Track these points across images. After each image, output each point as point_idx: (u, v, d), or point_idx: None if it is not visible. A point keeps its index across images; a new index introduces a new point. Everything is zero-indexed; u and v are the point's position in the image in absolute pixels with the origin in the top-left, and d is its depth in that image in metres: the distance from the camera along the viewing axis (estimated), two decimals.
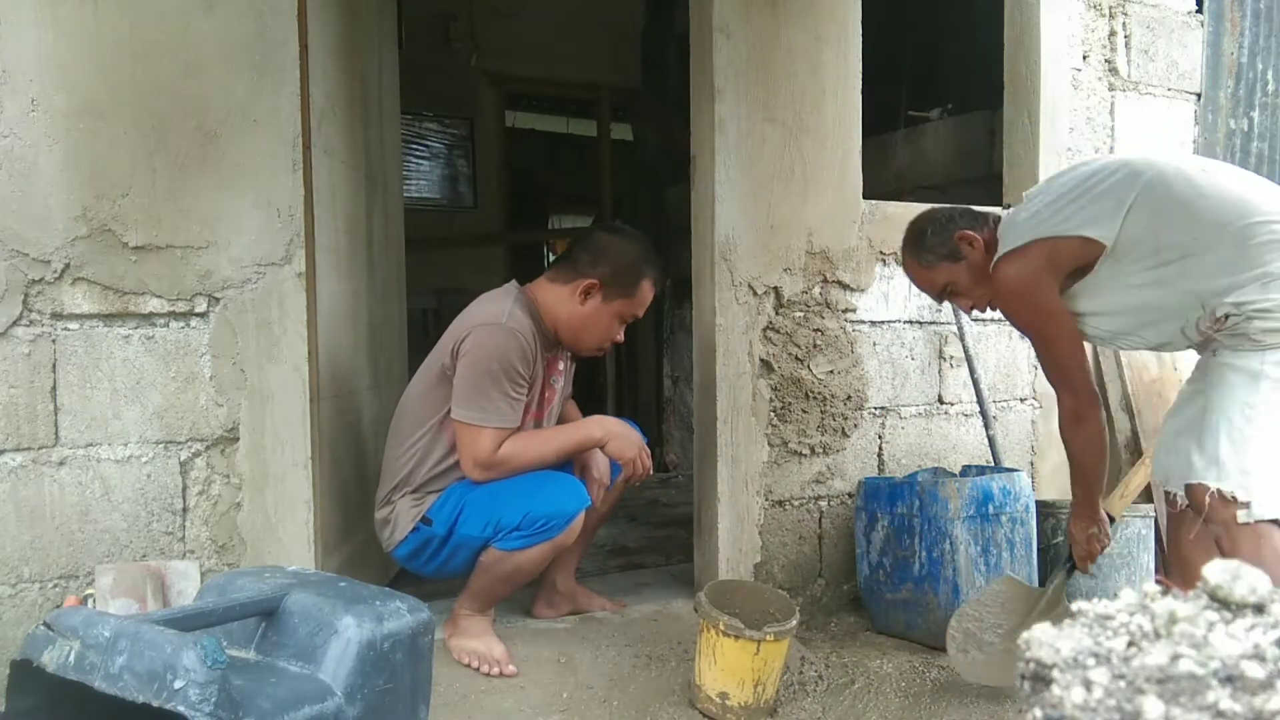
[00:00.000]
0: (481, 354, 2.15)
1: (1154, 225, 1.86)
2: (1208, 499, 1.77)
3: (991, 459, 3.00)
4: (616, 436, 2.29)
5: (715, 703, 2.11)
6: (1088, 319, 2.00)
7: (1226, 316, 1.80)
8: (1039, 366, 3.08)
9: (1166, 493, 1.93)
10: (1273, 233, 1.78)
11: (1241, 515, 1.72)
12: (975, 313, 2.25)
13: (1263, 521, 1.74)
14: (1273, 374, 1.76)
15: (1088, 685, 0.49)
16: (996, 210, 2.23)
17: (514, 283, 2.37)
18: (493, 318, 2.20)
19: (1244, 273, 1.78)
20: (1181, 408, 1.97)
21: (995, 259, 2.04)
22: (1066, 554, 2.28)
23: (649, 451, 2.33)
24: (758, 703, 2.11)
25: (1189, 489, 1.81)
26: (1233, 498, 1.73)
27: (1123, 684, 0.48)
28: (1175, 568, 1.96)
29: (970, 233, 2.10)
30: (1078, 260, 1.93)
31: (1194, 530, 1.91)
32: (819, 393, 2.85)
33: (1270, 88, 3.77)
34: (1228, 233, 1.80)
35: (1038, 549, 2.68)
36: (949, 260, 2.13)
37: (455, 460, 2.25)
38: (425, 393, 2.28)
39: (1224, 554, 1.71)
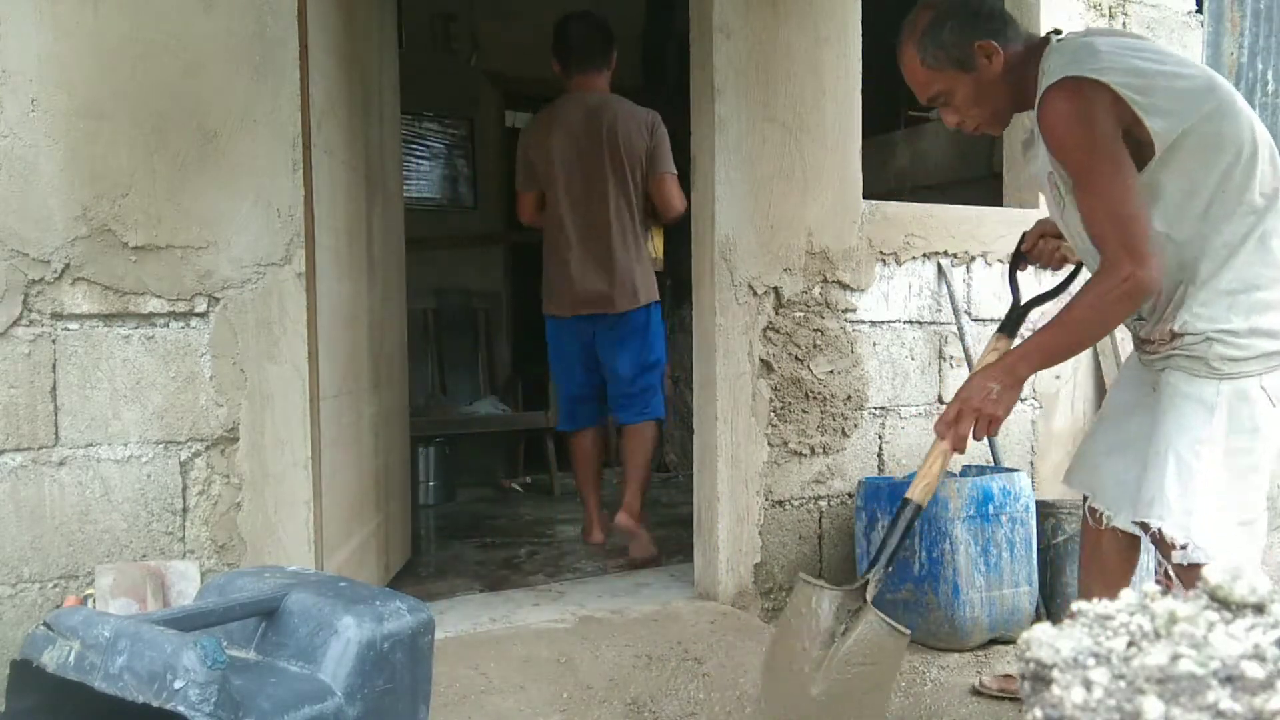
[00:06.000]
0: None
1: (1202, 160, 1.63)
2: (1148, 537, 1.70)
3: (991, 459, 3.00)
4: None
5: None
6: None
7: (1175, 335, 1.66)
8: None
9: (1093, 508, 1.89)
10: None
11: (1177, 556, 1.64)
12: (963, 126, 1.86)
13: (1199, 565, 1.63)
14: (1227, 407, 1.63)
15: (1088, 685, 0.49)
16: (1050, 36, 1.79)
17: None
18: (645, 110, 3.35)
19: (1238, 273, 1.63)
20: (1116, 421, 1.88)
21: (1057, 78, 1.64)
22: (885, 541, 1.88)
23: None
24: None
25: (1139, 524, 1.73)
26: (1172, 541, 1.64)
27: (1123, 684, 0.48)
28: (1094, 575, 1.95)
29: (994, 44, 1.75)
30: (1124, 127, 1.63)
31: (1105, 545, 1.91)
32: (819, 393, 2.85)
33: (1270, 88, 3.78)
34: (1251, 219, 1.63)
35: (1038, 549, 2.69)
36: (956, 68, 1.77)
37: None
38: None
39: (1178, 579, 1.67)
